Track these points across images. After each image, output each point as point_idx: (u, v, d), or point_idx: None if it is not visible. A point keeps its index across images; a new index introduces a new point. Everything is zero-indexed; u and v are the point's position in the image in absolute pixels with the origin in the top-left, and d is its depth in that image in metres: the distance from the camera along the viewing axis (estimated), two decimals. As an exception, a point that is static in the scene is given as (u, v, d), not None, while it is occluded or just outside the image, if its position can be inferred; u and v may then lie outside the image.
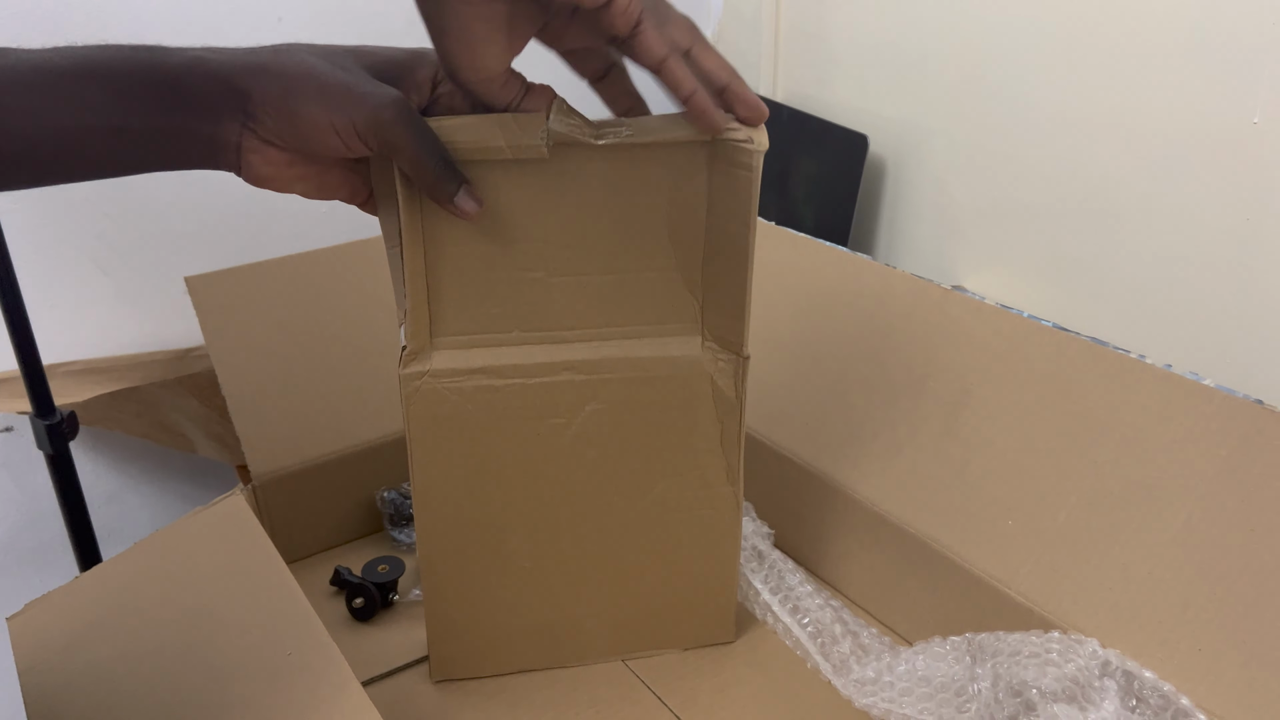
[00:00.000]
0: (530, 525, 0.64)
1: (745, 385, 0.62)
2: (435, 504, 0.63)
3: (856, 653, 0.68)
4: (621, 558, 0.66)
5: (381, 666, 0.71)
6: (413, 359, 0.59)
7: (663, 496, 0.65)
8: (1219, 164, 0.94)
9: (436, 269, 0.57)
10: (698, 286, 0.60)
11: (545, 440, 0.62)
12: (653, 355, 0.61)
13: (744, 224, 0.56)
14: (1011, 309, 0.74)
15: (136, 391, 1.08)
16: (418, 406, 0.60)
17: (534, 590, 0.67)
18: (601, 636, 0.69)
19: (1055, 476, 0.66)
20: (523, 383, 0.60)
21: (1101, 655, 0.58)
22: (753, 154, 0.54)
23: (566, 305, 0.59)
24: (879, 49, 1.24)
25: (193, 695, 0.57)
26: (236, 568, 0.66)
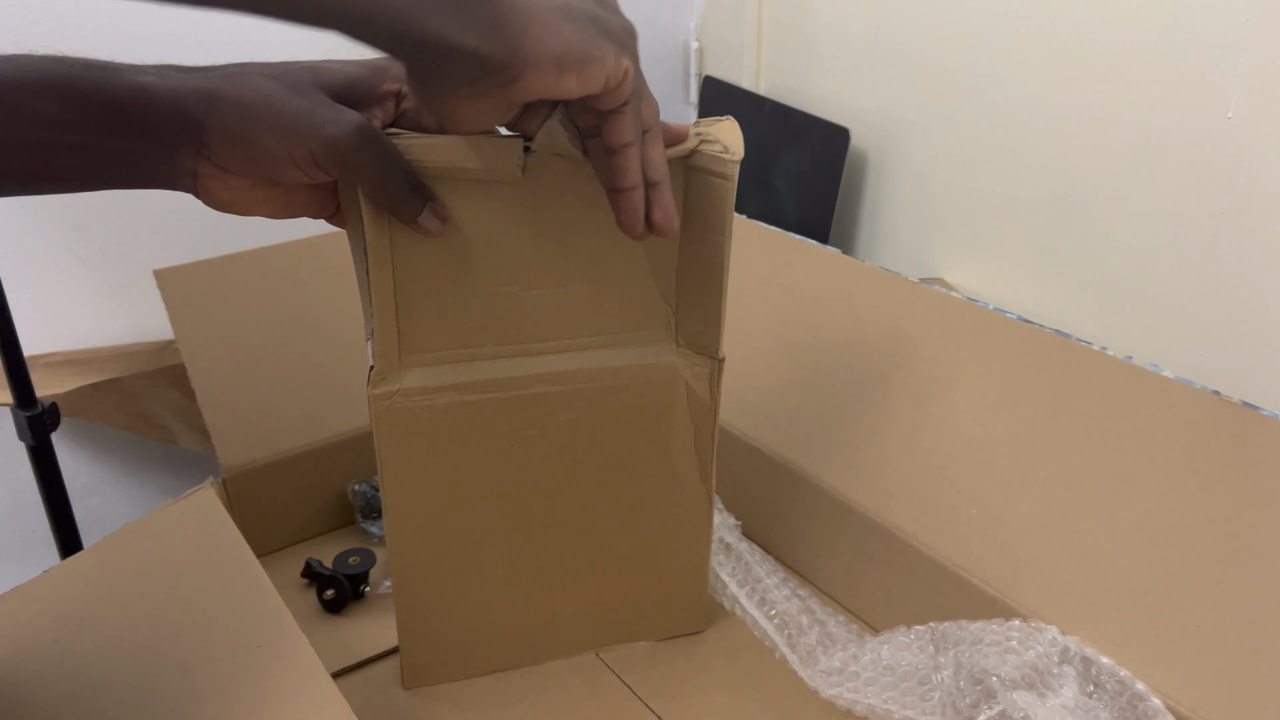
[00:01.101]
0: (505, 534, 0.64)
1: (720, 386, 0.62)
2: (407, 519, 0.63)
3: (824, 642, 0.68)
4: (595, 558, 0.67)
5: (353, 658, 0.72)
6: (381, 379, 0.58)
7: (636, 495, 0.65)
8: (1194, 158, 0.95)
9: (406, 285, 0.56)
10: (671, 294, 0.60)
11: (520, 451, 0.61)
12: (627, 364, 0.60)
13: (720, 232, 0.56)
14: (979, 302, 0.74)
15: (117, 383, 1.09)
16: (388, 426, 0.59)
17: (508, 596, 0.67)
18: (574, 632, 0.70)
19: (1019, 466, 0.66)
20: (496, 397, 0.59)
21: (1061, 642, 0.59)
22: (728, 163, 0.54)
23: (540, 317, 0.58)
24: (861, 42, 1.24)
25: (163, 687, 0.57)
26: (206, 560, 0.66)
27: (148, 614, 0.63)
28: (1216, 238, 0.95)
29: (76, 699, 0.58)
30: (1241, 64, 0.89)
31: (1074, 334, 0.70)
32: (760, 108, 1.34)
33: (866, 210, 1.29)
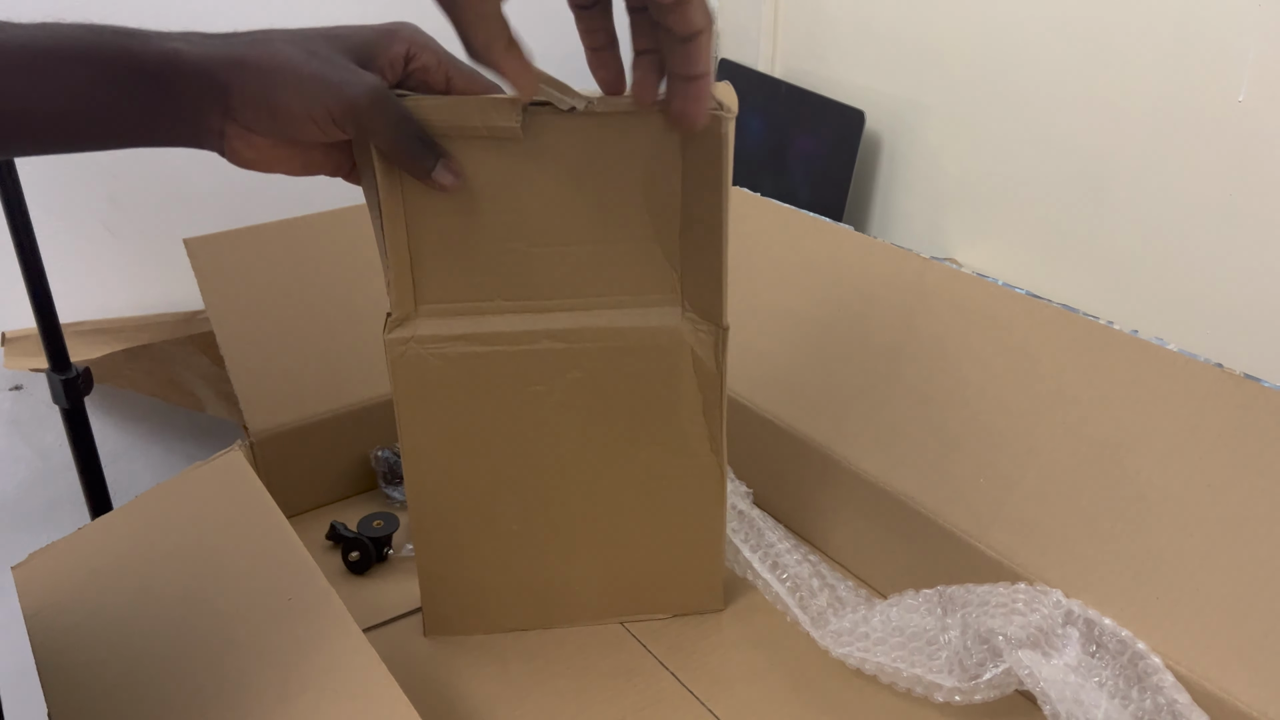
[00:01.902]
0: (516, 488, 0.66)
1: (725, 356, 0.63)
2: (424, 465, 0.65)
3: (834, 605, 0.70)
4: (609, 524, 0.68)
5: (377, 617, 0.74)
6: (397, 325, 0.61)
7: (647, 464, 0.66)
8: (1204, 141, 0.96)
9: (419, 238, 0.59)
10: (676, 257, 0.61)
11: (528, 406, 0.63)
12: (632, 325, 0.62)
13: (716, 192, 0.57)
14: (987, 277, 0.76)
15: (149, 349, 1.11)
16: (403, 371, 0.62)
17: (523, 551, 0.69)
18: (592, 600, 0.71)
19: (1025, 437, 0.68)
20: (505, 349, 0.62)
21: (1065, 605, 0.61)
22: (723, 120, 0.55)
23: (546, 275, 0.61)
24: (877, 25, 1.25)
25: (197, 637, 0.59)
26: (236, 518, 0.68)
27: (181, 567, 0.65)
28: (1226, 221, 0.96)
29: (113, 647, 0.60)
30: (1253, 47, 0.90)
31: (1082, 310, 0.72)
32: (776, 90, 1.36)
33: (880, 192, 1.30)
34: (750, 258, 0.90)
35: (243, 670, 0.56)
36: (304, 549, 0.64)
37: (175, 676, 0.57)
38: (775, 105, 1.36)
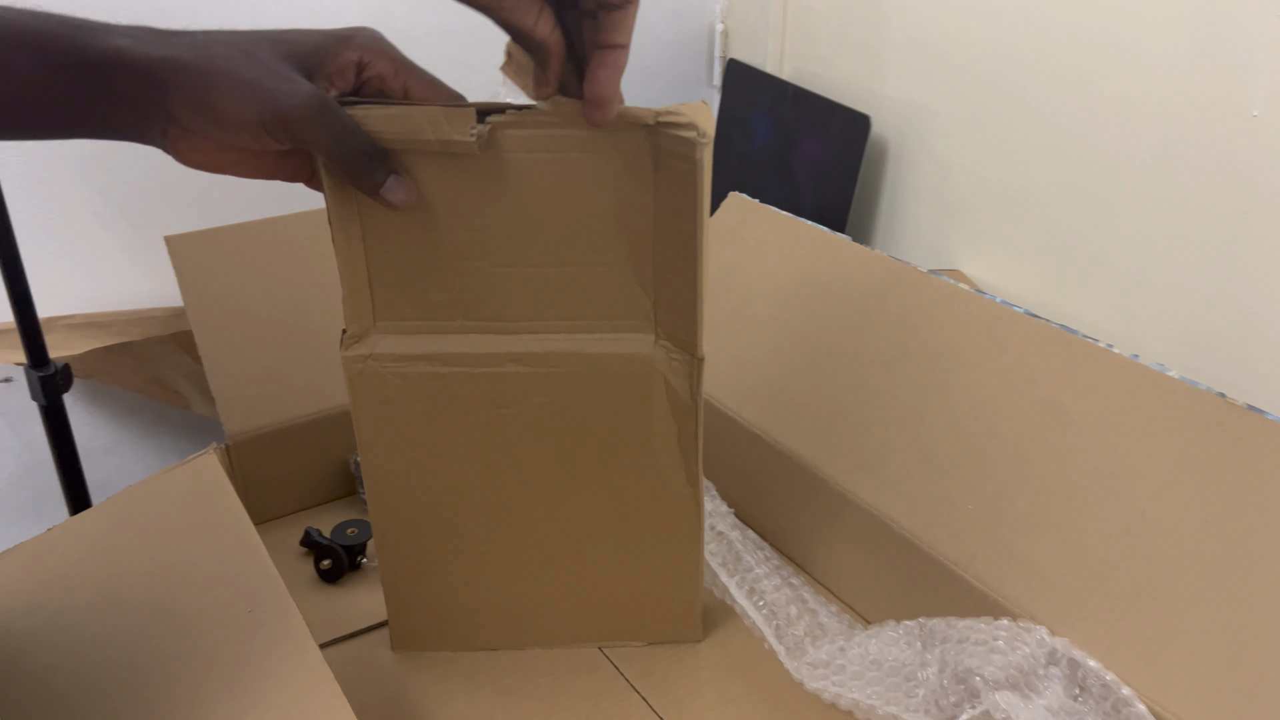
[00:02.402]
0: (482, 510, 0.64)
1: (700, 386, 0.59)
2: (385, 484, 0.63)
3: (813, 633, 0.68)
4: (579, 550, 0.66)
5: (345, 628, 0.72)
6: (355, 342, 0.58)
7: (618, 493, 0.63)
8: (1217, 155, 0.93)
9: (377, 253, 0.56)
10: (649, 282, 0.58)
11: (492, 429, 0.61)
12: (602, 351, 0.59)
13: (691, 220, 0.53)
14: (985, 294, 0.73)
15: (131, 347, 1.10)
16: (362, 389, 0.59)
17: (490, 574, 0.66)
18: (564, 624, 0.69)
19: (1017, 462, 0.66)
20: (468, 371, 0.59)
21: (1049, 643, 0.58)
22: (695, 145, 0.51)
23: (511, 296, 0.58)
24: (886, 29, 1.23)
25: (154, 645, 0.58)
26: (204, 525, 0.67)
27: (144, 574, 0.64)
28: (1237, 237, 0.93)
29: (70, 653, 0.59)
30: (1268, 61, 0.87)
31: (1089, 330, 0.69)
32: (783, 92, 1.33)
33: (885, 199, 1.27)
34: (744, 266, 0.88)
35: (195, 683, 0.55)
36: (268, 559, 0.63)
37: (128, 686, 0.56)
38: (782, 107, 1.33)
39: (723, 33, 1.45)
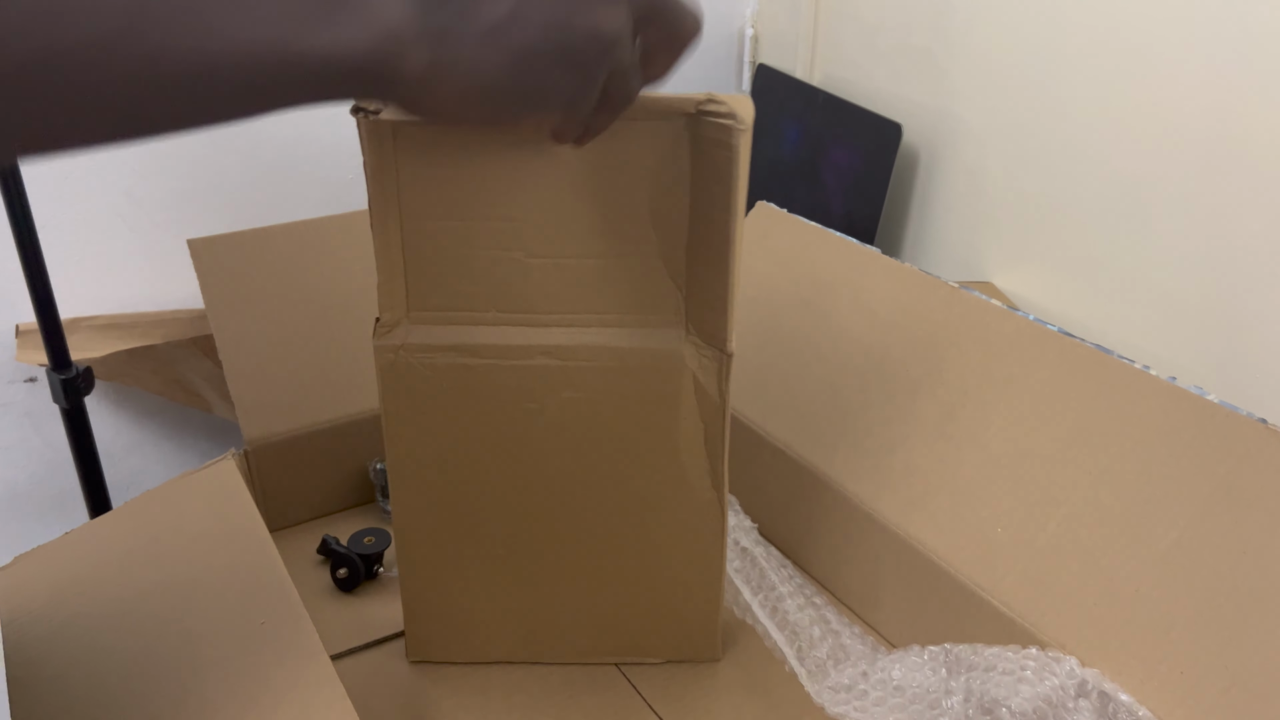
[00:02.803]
0: (504, 508, 0.63)
1: (729, 384, 0.59)
2: (409, 479, 0.63)
3: (836, 655, 0.66)
4: (599, 553, 0.65)
5: (360, 639, 0.72)
6: (387, 331, 0.58)
7: (641, 494, 0.62)
8: (1263, 171, 0.91)
9: (414, 241, 0.56)
10: (681, 276, 0.57)
11: (518, 424, 0.60)
12: (632, 346, 0.58)
13: (726, 209, 0.53)
14: (1019, 311, 0.72)
15: (153, 350, 1.10)
16: (391, 378, 0.59)
17: (509, 579, 0.66)
18: (581, 637, 0.68)
19: (1048, 485, 0.64)
20: (496, 363, 0.59)
21: (1079, 675, 0.56)
22: (734, 132, 0.50)
23: (544, 288, 0.58)
24: (919, 36, 1.21)
25: (166, 655, 0.58)
26: (220, 533, 0.67)
27: (159, 582, 0.63)
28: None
29: (81, 662, 0.58)
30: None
31: (1122, 348, 0.67)
32: (813, 99, 1.32)
33: (915, 209, 1.25)
34: (771, 276, 0.86)
35: (206, 694, 0.55)
36: (283, 569, 0.62)
37: (138, 697, 0.55)
38: (812, 114, 1.31)
39: (752, 38, 1.44)
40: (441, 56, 0.37)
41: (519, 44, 0.39)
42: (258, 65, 0.34)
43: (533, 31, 0.39)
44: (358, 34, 0.36)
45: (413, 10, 0.36)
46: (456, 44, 0.38)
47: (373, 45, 0.36)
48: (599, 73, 0.42)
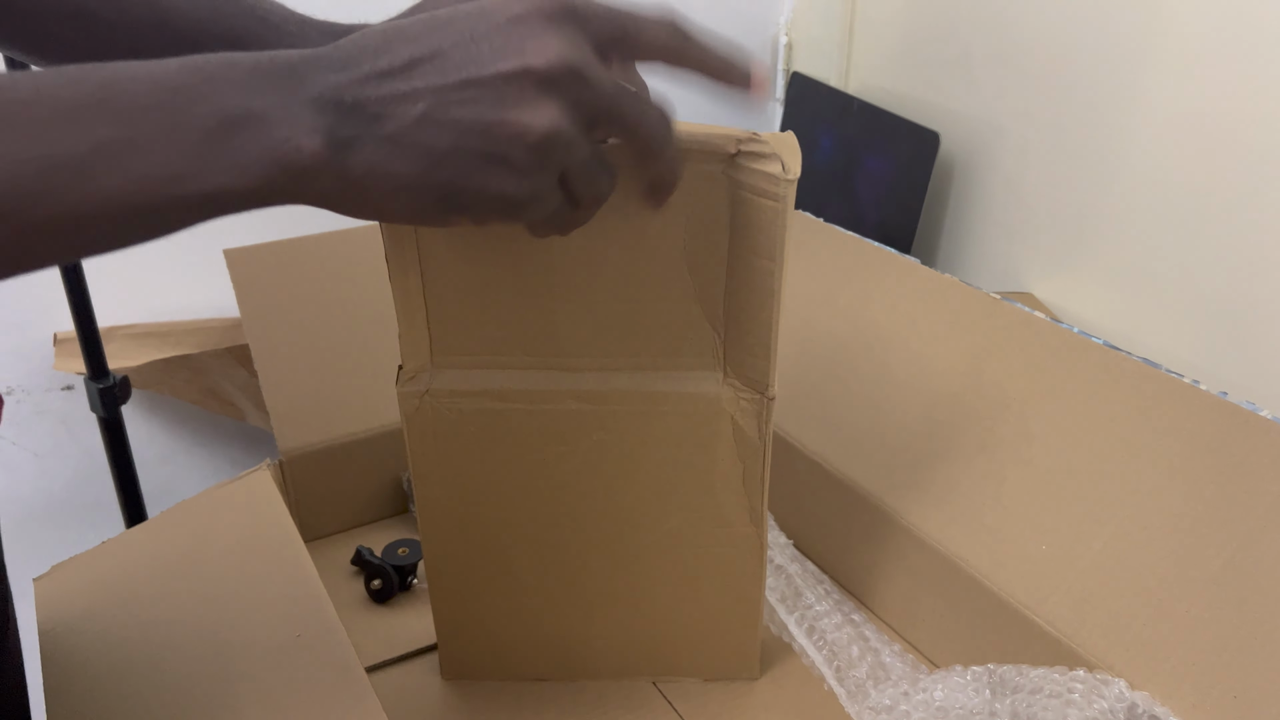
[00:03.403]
0: (536, 546, 0.62)
1: (770, 426, 0.57)
2: (438, 517, 0.62)
3: (875, 674, 0.65)
4: (634, 589, 0.64)
5: (394, 651, 0.71)
6: (410, 378, 0.57)
7: (676, 530, 0.61)
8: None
9: (435, 291, 0.55)
10: (719, 319, 0.55)
11: (548, 466, 0.59)
12: (667, 390, 0.57)
13: (770, 258, 0.51)
14: (1063, 324, 0.70)
15: (188, 359, 1.10)
16: (417, 424, 0.58)
17: (543, 608, 0.65)
18: (616, 659, 0.67)
19: (1094, 502, 0.63)
20: (525, 408, 0.57)
21: (1129, 698, 0.55)
22: (780, 182, 0.48)
23: (574, 332, 0.56)
24: (957, 43, 1.20)
25: (200, 667, 0.58)
26: (255, 544, 0.66)
27: (194, 593, 0.63)
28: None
29: (118, 672, 0.58)
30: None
31: (1169, 362, 0.66)
32: (848, 107, 1.30)
33: (951, 219, 1.24)
34: (806, 287, 0.85)
35: (240, 708, 0.55)
36: (319, 581, 0.62)
37: (174, 709, 0.55)
38: (846, 123, 1.30)
39: (786, 45, 1.43)
40: (351, 166, 0.36)
41: (433, 147, 0.37)
42: (146, 213, 0.34)
43: (447, 134, 0.37)
44: (255, 162, 0.35)
45: (317, 123, 0.35)
46: (366, 153, 0.36)
47: (270, 174, 0.35)
48: (540, 175, 0.39)
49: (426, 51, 0.36)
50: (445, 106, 0.36)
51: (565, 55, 0.37)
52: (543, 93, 0.37)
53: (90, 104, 0.32)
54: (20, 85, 0.32)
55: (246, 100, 0.34)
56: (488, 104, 0.37)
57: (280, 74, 0.35)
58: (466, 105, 0.36)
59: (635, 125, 0.41)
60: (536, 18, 0.37)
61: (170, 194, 0.33)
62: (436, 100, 0.36)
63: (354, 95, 0.36)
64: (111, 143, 0.32)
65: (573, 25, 0.38)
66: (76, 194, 0.32)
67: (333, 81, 0.36)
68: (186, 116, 0.33)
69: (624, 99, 0.40)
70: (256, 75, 0.35)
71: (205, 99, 0.34)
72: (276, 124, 0.35)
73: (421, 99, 0.36)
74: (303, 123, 0.35)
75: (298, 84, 0.35)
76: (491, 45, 0.37)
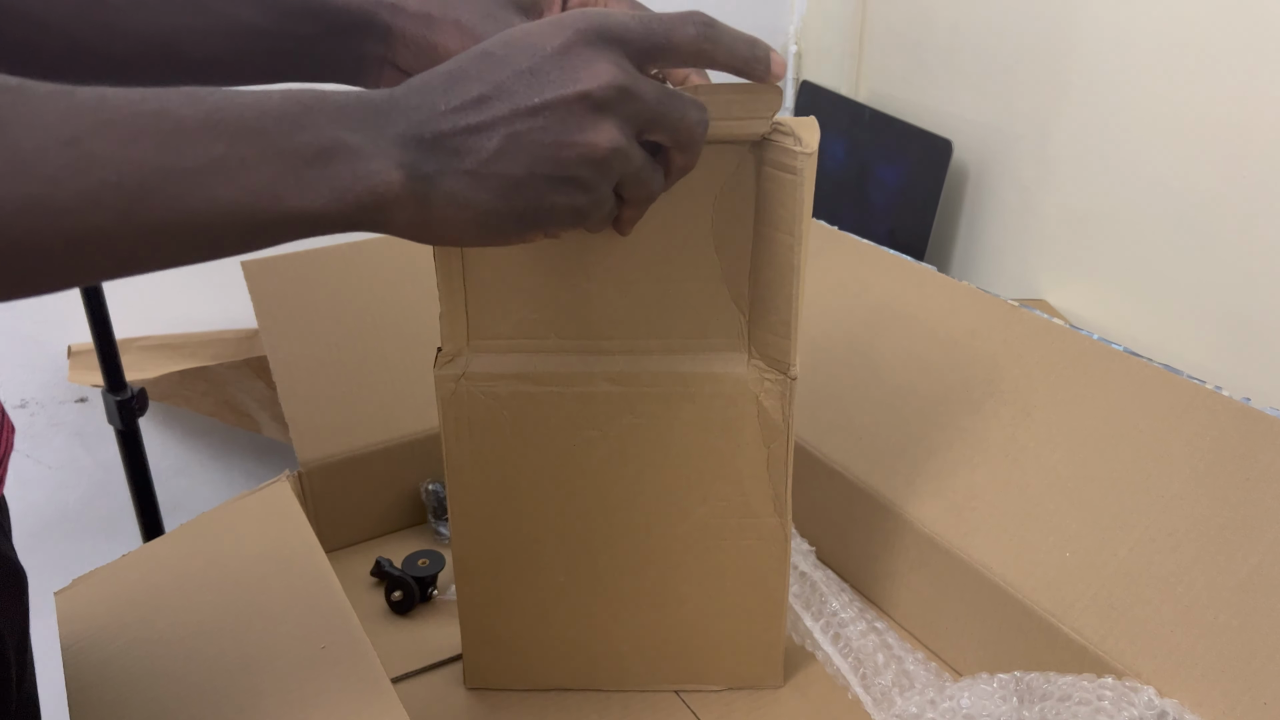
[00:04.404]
0: (564, 537, 0.63)
1: (793, 408, 0.58)
2: (470, 506, 0.62)
3: (900, 682, 0.65)
4: (660, 580, 0.64)
5: (416, 663, 0.71)
6: (448, 361, 0.58)
7: (704, 520, 0.62)
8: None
9: (475, 271, 0.56)
10: (744, 300, 0.57)
11: (580, 452, 0.60)
12: (695, 371, 0.58)
13: (790, 233, 0.53)
14: (1082, 330, 0.70)
15: (205, 371, 1.10)
16: (453, 408, 0.59)
17: (569, 604, 0.65)
18: (641, 664, 0.67)
19: (1118, 509, 0.62)
20: (559, 391, 0.58)
21: (1158, 705, 0.55)
22: (798, 156, 0.50)
23: (607, 314, 0.57)
24: (969, 50, 1.20)
25: (225, 680, 0.58)
26: (277, 555, 0.66)
27: (217, 605, 0.63)
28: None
29: (142, 685, 0.58)
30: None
31: (1188, 368, 0.66)
32: (859, 116, 1.31)
33: (964, 226, 1.24)
34: (823, 295, 0.85)
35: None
36: (342, 592, 0.62)
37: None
38: (858, 131, 1.31)
39: (796, 54, 1.43)
40: (433, 198, 0.39)
41: (509, 175, 0.40)
42: (248, 225, 0.36)
43: (523, 162, 0.40)
44: (348, 189, 0.37)
45: (402, 158, 0.38)
46: (447, 185, 0.39)
47: (360, 201, 0.37)
48: (602, 186, 0.42)
49: (490, 88, 0.39)
50: (517, 136, 0.39)
51: (614, 76, 0.40)
52: (600, 113, 0.40)
53: (208, 124, 0.35)
54: (148, 100, 0.35)
55: (341, 133, 0.37)
56: (555, 129, 0.40)
57: (367, 111, 0.38)
58: (535, 133, 0.39)
59: (677, 126, 0.44)
60: (580, 45, 0.40)
61: (272, 209, 0.36)
62: (509, 130, 0.39)
63: (432, 131, 0.39)
64: (225, 158, 0.35)
65: (613, 46, 0.41)
66: (192, 200, 0.35)
67: (413, 120, 0.39)
68: (289, 142, 0.36)
69: (667, 104, 0.43)
70: (346, 111, 0.38)
71: (305, 128, 0.37)
72: (368, 156, 0.37)
73: (496, 131, 0.39)
74: (390, 157, 0.38)
75: (384, 121, 0.38)
76: (548, 75, 0.40)
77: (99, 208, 0.33)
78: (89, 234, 0.33)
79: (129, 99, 0.34)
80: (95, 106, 0.33)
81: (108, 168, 0.33)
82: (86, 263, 0.35)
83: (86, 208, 0.33)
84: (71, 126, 0.33)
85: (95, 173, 0.33)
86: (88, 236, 0.33)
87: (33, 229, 0.32)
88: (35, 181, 0.32)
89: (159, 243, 0.35)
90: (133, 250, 0.35)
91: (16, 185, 0.31)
